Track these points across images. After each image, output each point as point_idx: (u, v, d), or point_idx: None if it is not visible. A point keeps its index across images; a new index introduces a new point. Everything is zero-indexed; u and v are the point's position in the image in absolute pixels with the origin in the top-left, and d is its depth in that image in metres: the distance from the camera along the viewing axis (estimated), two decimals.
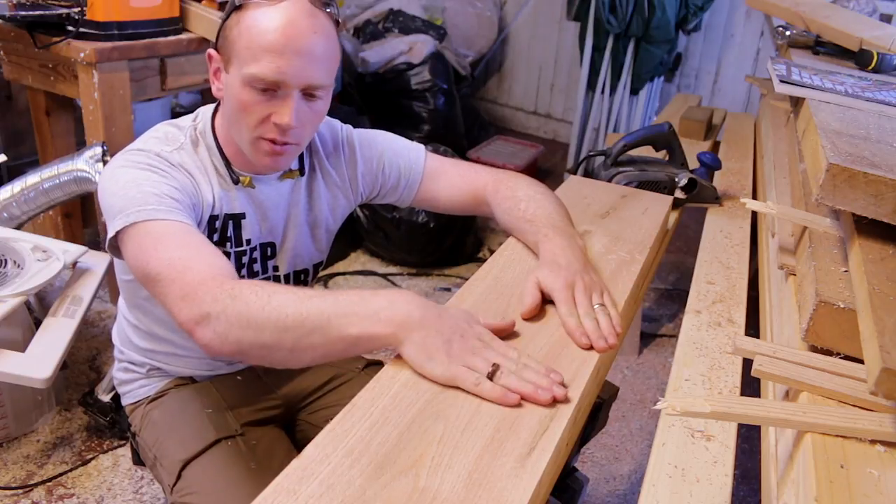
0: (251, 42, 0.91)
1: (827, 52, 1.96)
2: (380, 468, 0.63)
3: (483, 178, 1.18)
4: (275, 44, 0.90)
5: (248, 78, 0.92)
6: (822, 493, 0.59)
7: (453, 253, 2.85)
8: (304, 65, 0.92)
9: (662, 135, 1.45)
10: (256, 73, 0.91)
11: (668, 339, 2.52)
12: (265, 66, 0.91)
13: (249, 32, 0.91)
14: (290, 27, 0.91)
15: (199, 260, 0.83)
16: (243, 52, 0.92)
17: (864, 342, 0.68)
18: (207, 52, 1.00)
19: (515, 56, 4.44)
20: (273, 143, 0.97)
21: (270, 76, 0.91)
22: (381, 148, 1.18)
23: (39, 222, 2.29)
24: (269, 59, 0.91)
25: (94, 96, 1.97)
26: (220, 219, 1.03)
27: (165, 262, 0.83)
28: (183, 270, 0.82)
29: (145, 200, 0.89)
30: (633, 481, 1.88)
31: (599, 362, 0.85)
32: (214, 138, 1.04)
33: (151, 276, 0.85)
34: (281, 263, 1.13)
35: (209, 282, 0.80)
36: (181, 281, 0.81)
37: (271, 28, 0.90)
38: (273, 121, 0.95)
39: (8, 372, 1.36)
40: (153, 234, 0.87)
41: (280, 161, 1.01)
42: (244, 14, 0.93)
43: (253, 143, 0.97)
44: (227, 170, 1.03)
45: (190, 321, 0.79)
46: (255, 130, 0.96)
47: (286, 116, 0.94)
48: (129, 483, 1.69)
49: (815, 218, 1.03)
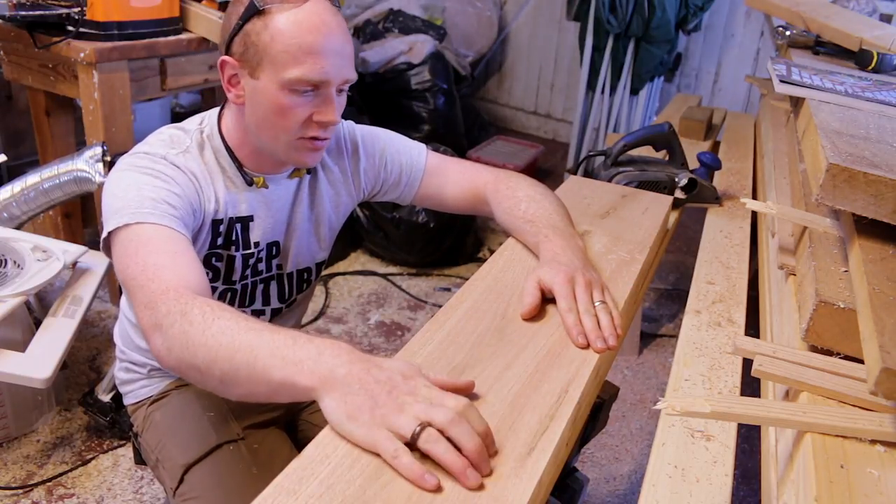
0: (288, 45, 0.91)
1: (827, 52, 1.96)
2: (380, 468, 0.63)
3: (484, 177, 1.18)
4: (314, 45, 0.92)
5: (290, 81, 0.92)
6: (822, 493, 0.59)
7: (453, 253, 2.85)
8: (342, 62, 0.95)
9: (662, 135, 1.45)
10: (301, 75, 0.92)
11: (668, 339, 2.52)
12: (309, 68, 0.92)
13: (284, 36, 0.91)
14: (324, 27, 0.92)
15: (170, 269, 0.84)
16: (281, 57, 0.92)
17: (864, 342, 0.68)
18: (220, 59, 0.98)
19: (515, 56, 4.44)
20: (315, 139, 0.99)
21: (316, 77, 0.93)
22: (383, 144, 1.18)
23: (39, 222, 2.29)
24: (314, 61, 0.92)
25: (94, 96, 1.97)
26: (224, 223, 1.03)
27: (140, 267, 0.84)
28: (152, 278, 0.82)
29: (141, 204, 0.90)
30: (633, 481, 1.88)
31: (599, 362, 0.85)
32: (223, 141, 1.03)
33: (126, 279, 0.86)
34: (284, 262, 1.14)
35: (170, 292, 0.80)
36: (147, 288, 0.81)
37: (308, 30, 0.91)
38: (316, 119, 0.96)
39: (8, 372, 1.36)
40: (139, 237, 0.87)
41: (318, 157, 1.03)
42: (271, 18, 0.92)
43: (293, 144, 0.98)
44: (238, 172, 1.03)
45: (147, 328, 0.80)
46: (298, 131, 0.97)
47: (331, 114, 0.96)
48: (129, 483, 1.69)
49: (815, 218, 1.03)
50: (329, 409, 0.66)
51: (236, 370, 0.71)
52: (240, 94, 0.99)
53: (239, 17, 0.95)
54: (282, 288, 1.16)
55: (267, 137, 0.99)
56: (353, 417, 0.65)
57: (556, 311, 0.89)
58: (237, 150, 1.04)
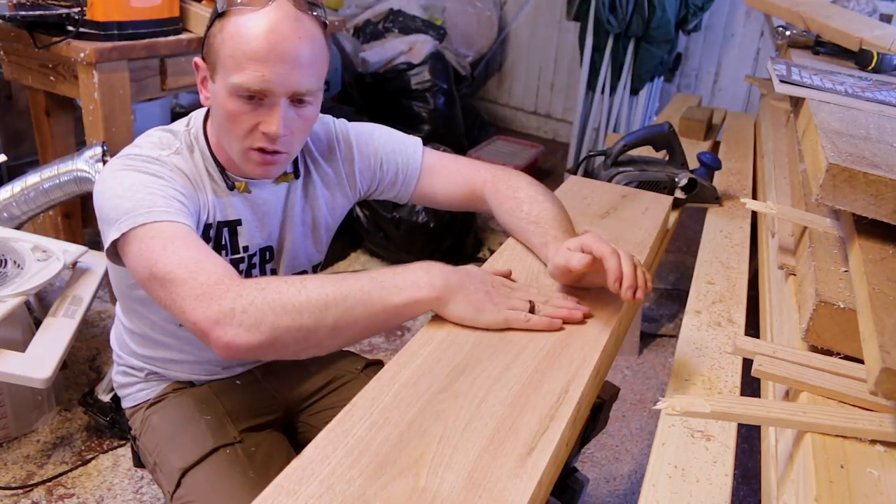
0: (235, 50, 0.89)
1: (827, 52, 1.96)
2: (380, 468, 0.63)
3: (481, 175, 1.17)
4: (258, 51, 0.88)
5: (233, 87, 0.90)
6: (822, 493, 0.59)
7: (453, 253, 2.85)
8: (290, 71, 0.90)
9: (662, 135, 1.45)
10: (241, 82, 0.89)
11: (668, 339, 2.52)
12: (249, 75, 0.89)
13: (233, 40, 0.89)
14: (272, 33, 0.89)
15: (211, 261, 0.83)
16: (228, 61, 0.90)
17: (864, 342, 0.68)
18: (194, 60, 0.98)
19: (515, 56, 4.44)
20: (263, 152, 0.95)
21: (255, 85, 0.89)
22: (379, 143, 1.17)
23: (39, 222, 2.29)
24: (254, 68, 0.89)
25: (94, 96, 1.97)
26: (213, 227, 1.02)
27: (175, 262, 0.82)
28: (196, 270, 0.80)
29: (154, 202, 0.88)
30: (633, 481, 1.88)
31: (599, 362, 0.85)
32: (207, 144, 1.02)
33: (159, 275, 0.83)
34: (279, 267, 1.13)
35: (226, 280, 0.79)
36: (194, 281, 0.80)
37: (254, 35, 0.88)
38: (261, 129, 0.93)
39: (8, 372, 1.36)
40: (163, 234, 0.85)
41: (271, 170, 1.00)
42: (227, 21, 0.91)
43: (243, 153, 0.96)
44: (221, 175, 1.02)
45: (207, 320, 0.77)
46: (245, 141, 0.94)
47: (273, 125, 0.92)
48: (129, 483, 1.69)
49: (815, 218, 1.03)
50: (459, 311, 0.83)
51: (352, 310, 0.79)
52: (207, 97, 0.98)
53: (209, 19, 0.95)
54: None
55: (225, 143, 0.98)
56: (481, 310, 0.83)
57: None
58: (218, 154, 1.02)
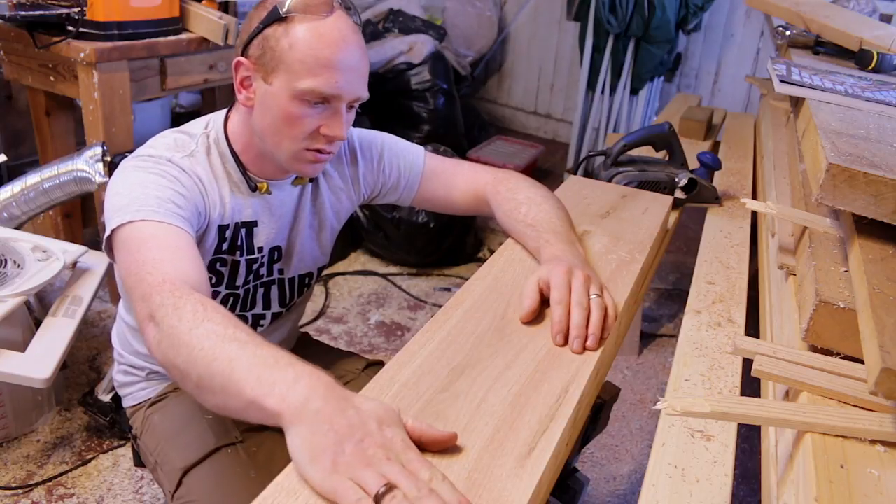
0: (307, 56, 0.91)
1: (827, 52, 1.96)
2: None
3: (483, 178, 1.18)
4: (332, 59, 0.92)
5: (302, 92, 0.92)
6: (822, 493, 0.59)
7: (453, 253, 2.85)
8: (356, 80, 0.95)
9: (662, 135, 1.45)
10: (314, 87, 0.92)
11: (668, 339, 2.52)
12: (323, 81, 0.92)
13: (303, 46, 0.91)
14: (343, 42, 0.92)
15: (170, 263, 0.83)
16: (296, 66, 0.92)
17: (864, 342, 0.68)
18: (236, 60, 0.98)
19: (515, 56, 4.44)
20: (319, 152, 0.99)
21: (328, 91, 0.93)
22: (381, 148, 1.18)
23: (39, 222, 2.29)
24: (329, 74, 0.92)
25: (94, 96, 1.97)
26: (230, 228, 1.03)
27: (140, 262, 0.83)
28: (150, 271, 0.81)
29: (145, 202, 0.89)
30: (633, 481, 1.88)
31: (599, 362, 0.85)
32: (228, 146, 1.03)
33: (125, 276, 0.85)
34: (286, 267, 1.14)
35: (165, 284, 0.79)
36: (145, 281, 0.81)
37: (327, 43, 0.91)
38: (323, 132, 0.96)
39: (8, 372, 1.36)
40: (142, 234, 0.87)
41: (319, 168, 1.03)
42: (293, 27, 0.92)
43: (297, 153, 0.98)
44: (243, 177, 1.03)
45: (141, 320, 0.79)
46: (304, 142, 0.97)
47: (339, 129, 0.96)
48: (129, 483, 1.69)
49: (815, 218, 1.03)
50: (292, 445, 0.61)
51: (212, 378, 0.68)
52: (250, 97, 0.98)
53: (260, 21, 0.95)
54: (283, 292, 1.16)
55: (272, 143, 0.99)
56: (314, 460, 0.59)
57: None
58: (242, 155, 1.03)
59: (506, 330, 0.87)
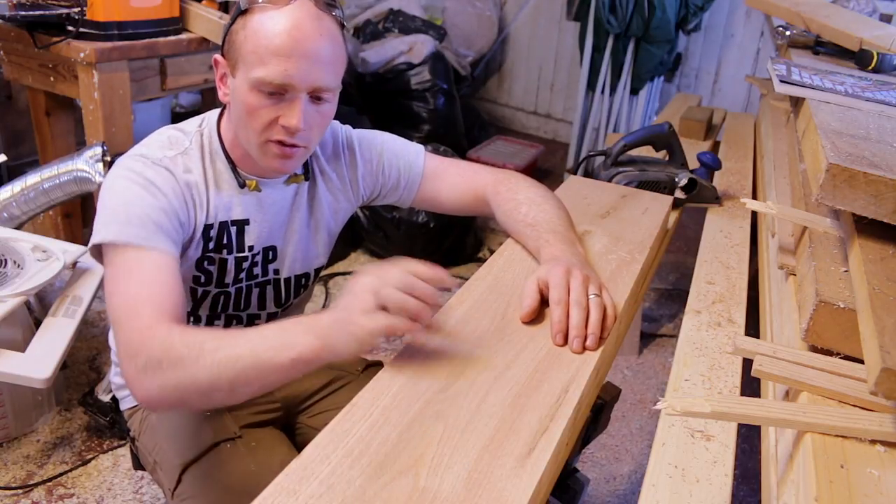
0: (258, 46, 0.92)
1: (827, 52, 1.96)
2: (380, 468, 0.63)
3: (484, 178, 1.18)
4: (281, 47, 0.91)
5: (255, 81, 0.92)
6: (822, 493, 0.59)
7: (453, 253, 2.84)
8: (311, 67, 0.93)
9: (662, 135, 1.45)
10: (264, 76, 0.92)
11: (668, 339, 2.51)
12: (272, 70, 0.91)
13: (256, 36, 0.92)
14: (295, 30, 0.91)
15: (151, 301, 0.86)
16: (250, 56, 0.92)
17: (864, 342, 0.68)
18: (214, 57, 1.00)
19: (515, 56, 4.44)
20: (282, 144, 0.97)
21: (278, 79, 0.92)
22: (381, 149, 1.18)
23: (39, 222, 2.29)
24: (277, 63, 0.91)
25: (94, 96, 1.97)
26: (215, 227, 1.03)
27: (122, 298, 0.87)
28: (131, 315, 0.85)
29: (128, 221, 0.91)
30: (633, 481, 1.88)
31: (599, 362, 0.85)
32: (221, 143, 1.04)
33: (110, 308, 0.88)
34: (281, 267, 1.13)
35: (153, 328, 0.83)
36: (127, 326, 0.85)
37: (277, 31, 0.91)
38: (281, 123, 0.95)
39: (8, 372, 1.36)
40: (127, 263, 0.89)
41: (288, 164, 1.01)
42: (249, 18, 0.93)
43: (261, 146, 0.98)
44: (233, 174, 1.03)
45: (128, 374, 0.83)
46: (264, 133, 0.96)
47: (294, 119, 0.94)
48: (129, 483, 1.69)
49: (815, 218, 1.03)
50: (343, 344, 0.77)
51: (245, 373, 0.78)
52: (226, 93, 1.00)
53: (231, 16, 0.97)
54: (278, 293, 1.16)
55: (243, 138, 1.00)
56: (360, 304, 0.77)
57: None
58: (231, 152, 1.04)
59: (506, 330, 0.87)
